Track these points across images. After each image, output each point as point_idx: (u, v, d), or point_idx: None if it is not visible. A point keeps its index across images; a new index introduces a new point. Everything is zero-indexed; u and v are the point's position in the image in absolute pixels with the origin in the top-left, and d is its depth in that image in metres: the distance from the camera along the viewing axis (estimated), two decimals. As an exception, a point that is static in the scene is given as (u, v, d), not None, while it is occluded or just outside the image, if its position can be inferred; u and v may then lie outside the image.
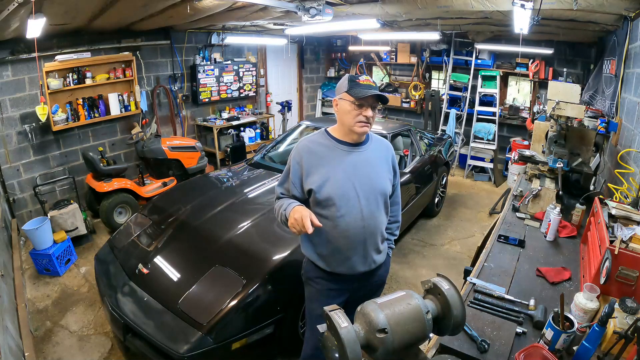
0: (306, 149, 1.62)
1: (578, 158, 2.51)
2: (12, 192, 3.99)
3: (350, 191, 1.56)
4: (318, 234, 1.58)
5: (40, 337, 2.65)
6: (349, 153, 1.60)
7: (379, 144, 1.71)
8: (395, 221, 1.85)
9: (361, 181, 1.58)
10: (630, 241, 1.46)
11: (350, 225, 1.57)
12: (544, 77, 5.48)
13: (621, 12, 2.79)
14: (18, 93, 3.88)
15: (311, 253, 1.70)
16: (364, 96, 1.48)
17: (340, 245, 1.60)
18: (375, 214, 1.62)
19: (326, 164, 1.58)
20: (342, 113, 1.56)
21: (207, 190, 3.17)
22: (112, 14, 3.41)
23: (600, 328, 1.20)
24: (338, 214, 1.55)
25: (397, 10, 3.40)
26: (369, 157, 1.63)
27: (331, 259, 1.64)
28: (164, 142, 4.56)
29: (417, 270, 3.51)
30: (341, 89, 1.56)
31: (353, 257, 1.62)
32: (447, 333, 0.91)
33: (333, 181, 1.55)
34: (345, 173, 1.57)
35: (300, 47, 7.31)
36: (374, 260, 1.67)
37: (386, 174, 1.67)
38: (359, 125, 1.52)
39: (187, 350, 1.86)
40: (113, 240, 2.74)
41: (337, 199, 1.54)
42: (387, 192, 1.66)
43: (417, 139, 4.10)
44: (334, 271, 1.65)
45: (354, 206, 1.56)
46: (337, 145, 1.61)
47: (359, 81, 1.52)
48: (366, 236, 1.61)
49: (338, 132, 1.64)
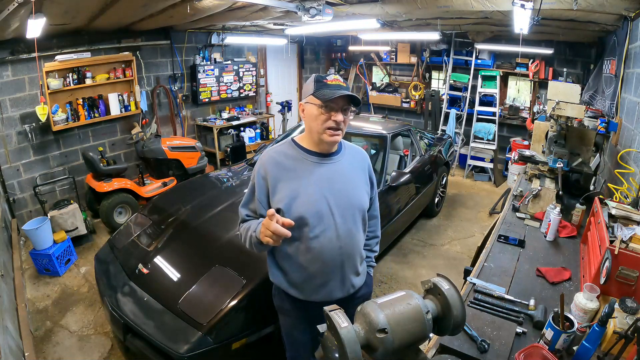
0: (271, 162, 1.41)
1: (578, 158, 2.51)
2: (12, 192, 3.99)
3: (324, 208, 1.37)
4: (287, 258, 1.44)
5: (40, 337, 2.64)
6: (320, 165, 1.41)
7: (353, 153, 1.54)
8: (374, 237, 1.69)
9: (336, 196, 1.40)
10: (630, 241, 1.46)
11: (325, 247, 1.39)
12: (544, 77, 5.48)
13: (621, 12, 2.79)
14: (18, 93, 3.88)
15: (281, 281, 1.50)
16: (332, 98, 1.29)
17: (315, 270, 1.42)
18: (353, 232, 1.45)
19: (295, 178, 1.38)
20: (309, 119, 1.37)
21: (207, 190, 3.16)
22: (112, 14, 3.41)
23: (600, 328, 1.20)
24: (311, 234, 1.37)
25: (397, 10, 3.40)
26: (343, 169, 1.45)
27: (305, 287, 1.46)
28: (164, 142, 4.56)
29: (417, 270, 3.51)
30: (307, 91, 1.37)
31: (330, 283, 1.45)
32: (447, 333, 0.91)
33: (304, 197, 1.36)
34: (317, 187, 1.38)
35: (300, 47, 7.32)
36: (352, 284, 1.50)
37: (363, 187, 1.51)
38: (329, 134, 1.34)
39: (187, 350, 1.86)
40: (113, 240, 2.74)
41: (309, 218, 1.36)
42: (365, 207, 1.49)
43: (417, 139, 4.10)
44: (308, 300, 1.47)
45: (329, 225, 1.38)
46: (306, 156, 1.42)
47: (326, 81, 1.33)
48: (343, 258, 1.43)
49: (307, 141, 1.44)
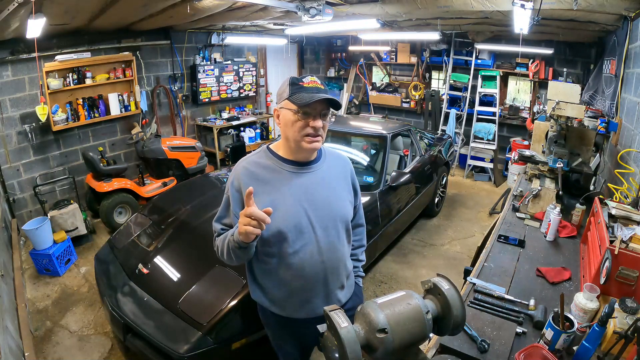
0: (246, 173, 1.31)
1: (578, 158, 2.51)
2: (12, 192, 3.99)
3: (303, 221, 1.29)
4: (267, 275, 1.37)
5: (40, 337, 2.64)
6: (299, 175, 1.32)
7: (334, 160, 1.43)
8: (359, 246, 1.61)
9: (316, 207, 1.31)
10: (630, 241, 1.46)
11: (306, 263, 1.31)
12: (544, 77, 5.48)
13: (621, 12, 2.79)
14: (18, 93, 3.88)
15: (262, 299, 1.43)
16: (309, 102, 1.18)
17: (296, 287, 1.34)
18: (336, 246, 1.36)
19: (271, 190, 1.28)
20: (285, 126, 1.26)
21: (207, 190, 3.17)
22: (112, 14, 3.41)
23: (600, 328, 1.20)
24: (290, 250, 1.29)
25: (397, 10, 3.40)
26: (324, 177, 1.36)
27: (286, 304, 1.39)
28: (164, 142, 4.56)
29: (417, 270, 3.51)
30: (282, 95, 1.26)
31: (313, 300, 1.37)
32: (447, 333, 0.90)
33: (281, 211, 1.26)
34: (296, 200, 1.29)
35: (300, 47, 7.32)
36: (338, 299, 1.42)
37: (346, 196, 1.42)
38: (307, 141, 1.24)
39: (187, 350, 1.86)
40: (113, 240, 2.74)
41: (288, 232, 1.27)
42: (348, 218, 1.41)
43: (417, 139, 4.10)
44: (291, 317, 1.40)
45: (309, 239, 1.30)
46: (282, 165, 1.32)
47: (302, 84, 1.23)
48: (327, 273, 1.35)
49: (283, 149, 1.33)
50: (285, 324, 1.45)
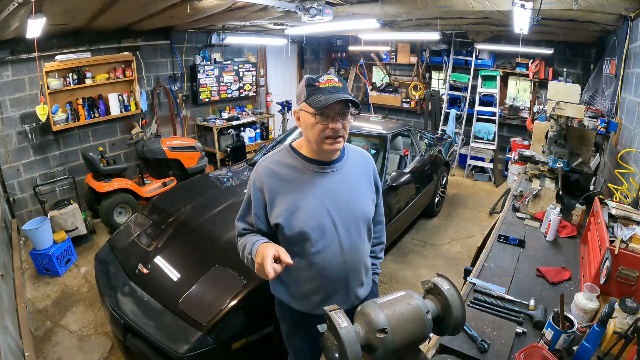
0: (267, 172, 1.31)
1: (578, 158, 2.51)
2: (12, 192, 3.99)
3: (326, 221, 1.29)
4: (289, 273, 1.36)
5: (40, 337, 2.64)
6: (322, 174, 1.31)
7: (357, 158, 1.43)
8: (379, 243, 1.63)
9: (339, 208, 1.31)
10: (630, 241, 1.47)
11: (329, 262, 1.32)
12: (544, 77, 5.48)
13: (621, 12, 2.78)
14: (18, 93, 3.88)
15: (283, 294, 1.45)
16: (326, 105, 1.17)
17: (318, 285, 1.36)
18: (358, 245, 1.37)
19: (294, 190, 1.28)
20: (305, 128, 1.26)
21: (207, 190, 3.16)
22: (112, 14, 3.41)
23: (600, 328, 1.20)
24: (313, 250, 1.30)
25: (397, 10, 3.40)
26: (347, 177, 1.35)
27: (307, 301, 1.41)
28: (164, 142, 4.56)
29: (417, 270, 3.51)
30: (300, 97, 1.25)
31: (333, 297, 1.39)
32: (447, 333, 0.91)
33: (304, 211, 1.27)
34: (319, 200, 1.29)
35: (300, 47, 7.31)
36: (357, 296, 1.44)
37: (368, 195, 1.42)
38: (328, 143, 1.23)
39: (187, 350, 1.86)
40: (113, 240, 2.74)
41: (310, 233, 1.28)
42: (370, 217, 1.41)
43: (417, 139, 4.10)
44: (311, 313, 1.41)
45: (332, 239, 1.31)
46: (307, 165, 1.31)
47: (319, 84, 1.20)
48: (348, 272, 1.37)
49: (306, 148, 1.33)
50: (301, 319, 1.46)
